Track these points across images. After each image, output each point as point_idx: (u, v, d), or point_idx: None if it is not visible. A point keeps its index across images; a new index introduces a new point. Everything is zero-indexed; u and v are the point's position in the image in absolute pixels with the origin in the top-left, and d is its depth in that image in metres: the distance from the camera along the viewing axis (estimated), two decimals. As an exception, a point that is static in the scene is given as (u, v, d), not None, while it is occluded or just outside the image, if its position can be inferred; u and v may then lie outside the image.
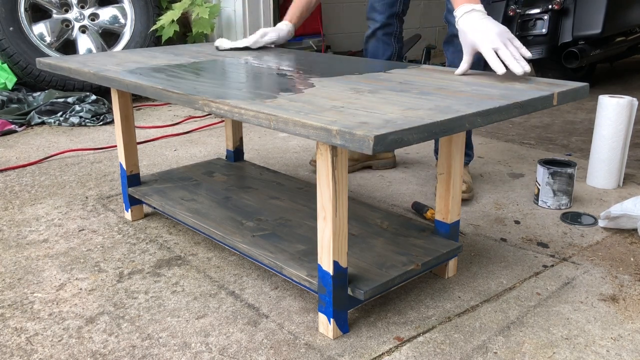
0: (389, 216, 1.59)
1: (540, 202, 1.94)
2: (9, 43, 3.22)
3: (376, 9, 2.09)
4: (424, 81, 1.36)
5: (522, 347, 1.21)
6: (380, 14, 2.09)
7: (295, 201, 1.69)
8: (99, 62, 1.68)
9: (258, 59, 1.73)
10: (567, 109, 3.41)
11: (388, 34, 2.12)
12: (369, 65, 1.62)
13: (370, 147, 0.91)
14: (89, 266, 1.56)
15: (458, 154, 1.39)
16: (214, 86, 1.31)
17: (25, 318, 1.33)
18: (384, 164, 2.31)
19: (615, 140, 2.06)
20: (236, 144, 2.08)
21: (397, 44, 2.15)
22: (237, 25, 3.76)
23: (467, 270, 1.53)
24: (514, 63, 1.31)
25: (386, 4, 2.08)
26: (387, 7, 2.08)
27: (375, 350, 1.21)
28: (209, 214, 1.62)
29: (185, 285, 1.46)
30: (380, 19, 2.09)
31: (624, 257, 1.60)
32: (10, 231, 1.78)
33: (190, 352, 1.20)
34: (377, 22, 2.10)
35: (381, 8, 2.08)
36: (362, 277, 1.26)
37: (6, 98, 3.07)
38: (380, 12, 2.09)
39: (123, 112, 1.75)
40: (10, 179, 2.24)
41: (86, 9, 3.54)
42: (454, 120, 1.03)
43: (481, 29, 1.35)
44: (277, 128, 1.05)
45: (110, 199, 2.03)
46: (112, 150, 2.61)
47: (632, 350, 1.21)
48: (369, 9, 2.12)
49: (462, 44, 1.41)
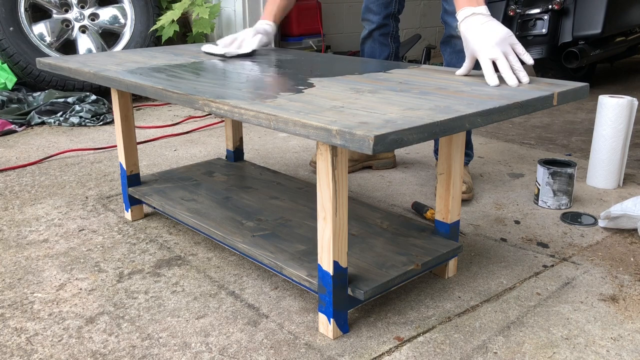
0: (389, 216, 1.59)
1: (540, 202, 1.94)
2: (9, 43, 3.22)
3: (371, 9, 2.08)
4: (424, 81, 1.36)
5: (522, 347, 1.21)
6: (376, 15, 2.08)
7: (295, 201, 1.69)
8: (99, 62, 1.68)
9: (258, 59, 1.73)
10: (567, 109, 3.41)
11: (385, 35, 2.11)
12: (369, 65, 1.62)
13: (370, 147, 0.91)
14: (89, 266, 1.56)
15: (458, 154, 1.39)
16: (214, 86, 1.31)
17: (25, 318, 1.33)
18: (384, 164, 2.31)
19: (615, 140, 2.06)
20: (236, 144, 2.08)
21: (394, 43, 2.15)
22: (237, 25, 3.76)
23: (467, 270, 1.53)
24: (509, 75, 1.28)
25: (381, 4, 2.07)
26: (382, 7, 2.07)
27: (375, 350, 1.21)
28: (209, 214, 1.62)
29: (185, 285, 1.46)
30: (376, 19, 2.08)
31: (624, 257, 1.60)
32: (10, 231, 1.78)
33: (190, 352, 1.20)
34: (373, 23, 2.09)
35: (377, 9, 2.07)
36: (362, 277, 1.26)
37: (6, 98, 3.07)
38: (375, 12, 2.08)
39: (123, 112, 1.75)
40: (10, 179, 2.24)
41: (86, 9, 3.54)
42: (454, 120, 1.03)
43: (481, 37, 1.32)
44: (277, 128, 1.05)
45: (110, 199, 2.03)
46: (112, 150, 2.61)
47: (632, 350, 1.21)
48: (364, 10, 2.11)
49: (465, 48, 1.39)
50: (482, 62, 1.32)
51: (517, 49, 1.32)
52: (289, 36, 4.43)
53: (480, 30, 1.33)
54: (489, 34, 1.32)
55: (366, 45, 2.15)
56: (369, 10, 2.09)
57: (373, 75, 1.44)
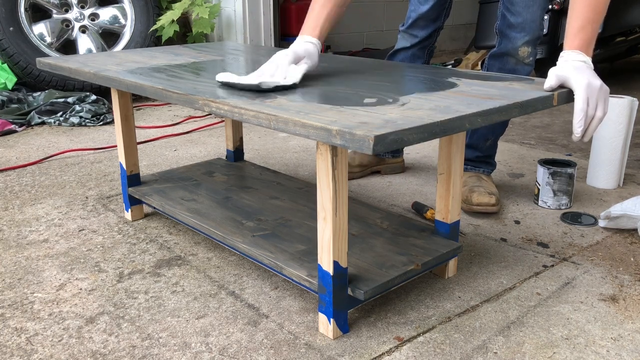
0: (389, 216, 1.59)
1: (540, 202, 1.94)
2: (9, 43, 3.22)
3: (419, 24, 1.93)
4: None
5: (522, 347, 1.21)
6: (422, 30, 1.94)
7: (295, 201, 1.69)
8: (99, 62, 1.68)
9: (258, 59, 1.73)
10: (567, 109, 3.41)
11: (423, 48, 2.00)
12: (369, 65, 1.62)
13: (370, 147, 0.91)
14: (89, 266, 1.56)
15: (458, 154, 1.39)
16: (214, 86, 1.31)
17: (25, 318, 1.33)
18: (392, 168, 2.26)
19: (616, 140, 2.06)
20: (236, 144, 2.08)
21: (429, 55, 2.03)
22: (237, 25, 3.75)
23: (467, 270, 1.53)
24: (583, 126, 1.23)
25: (430, 19, 1.92)
26: (431, 21, 1.93)
27: (375, 350, 1.21)
28: (209, 214, 1.62)
29: (185, 285, 1.46)
30: (422, 34, 1.95)
31: (624, 257, 1.60)
32: (10, 231, 1.78)
33: (190, 352, 1.20)
34: (416, 38, 1.96)
35: (424, 23, 1.93)
36: (362, 277, 1.26)
37: (6, 98, 3.07)
38: (422, 27, 1.94)
39: (123, 112, 1.75)
40: (10, 179, 2.24)
41: (86, 9, 3.54)
42: (454, 120, 1.03)
43: (589, 79, 1.23)
44: (277, 128, 1.05)
45: (110, 199, 2.03)
46: (112, 150, 2.61)
47: (632, 350, 1.20)
48: (411, 23, 1.95)
49: (556, 71, 1.27)
50: (579, 95, 1.23)
51: (605, 105, 1.26)
52: (288, 36, 4.43)
53: (591, 73, 1.26)
54: (595, 80, 1.24)
55: (398, 57, 2.03)
56: (416, 24, 1.94)
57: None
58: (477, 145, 1.97)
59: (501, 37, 1.79)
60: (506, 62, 1.80)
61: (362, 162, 2.21)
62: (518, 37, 1.74)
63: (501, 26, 1.78)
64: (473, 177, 1.96)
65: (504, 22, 1.76)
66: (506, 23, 1.75)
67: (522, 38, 1.74)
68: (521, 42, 1.75)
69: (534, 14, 1.72)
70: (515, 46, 1.76)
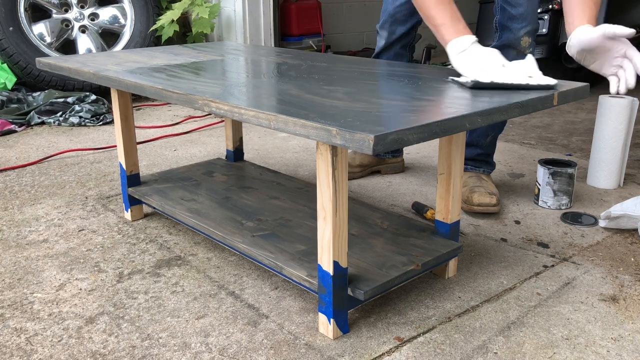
0: (389, 216, 1.59)
1: (541, 202, 1.94)
2: (9, 43, 3.21)
3: (398, 19, 1.92)
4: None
5: (523, 347, 1.21)
6: (401, 25, 1.92)
7: (295, 201, 1.69)
8: (99, 62, 1.68)
9: (258, 59, 1.73)
10: (568, 109, 3.41)
11: (404, 46, 1.98)
12: (369, 65, 1.62)
13: (370, 147, 0.91)
14: (88, 266, 1.56)
15: (458, 154, 1.39)
16: (214, 86, 1.31)
17: (25, 318, 1.33)
18: (392, 168, 2.27)
19: (616, 140, 2.06)
20: (236, 144, 2.08)
21: (410, 52, 2.02)
22: (237, 25, 3.75)
23: (467, 271, 1.53)
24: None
25: (408, 13, 1.90)
26: (408, 15, 1.90)
27: (375, 350, 1.21)
28: (209, 214, 1.61)
29: (185, 286, 1.46)
30: (400, 30, 1.92)
31: (624, 257, 1.59)
32: (10, 231, 1.77)
33: (190, 352, 1.20)
34: (395, 35, 1.93)
35: (403, 17, 1.91)
36: (362, 277, 1.26)
37: (6, 98, 3.07)
38: (401, 22, 1.92)
39: (123, 112, 1.75)
40: (10, 179, 2.23)
41: (86, 8, 3.54)
42: (454, 120, 1.03)
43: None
44: (277, 128, 1.05)
45: (110, 199, 2.03)
46: (112, 150, 2.61)
47: (633, 350, 1.20)
48: (387, 19, 1.93)
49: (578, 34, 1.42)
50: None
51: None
52: (288, 36, 4.43)
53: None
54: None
55: (382, 58, 1.99)
56: (394, 20, 1.92)
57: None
58: (477, 143, 1.97)
59: (502, 30, 1.80)
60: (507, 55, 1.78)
61: (362, 162, 2.21)
62: (520, 27, 1.77)
63: (501, 19, 1.79)
64: (473, 177, 1.96)
65: (504, 15, 1.77)
66: (507, 15, 1.77)
67: (524, 28, 1.78)
68: (523, 32, 1.78)
69: (533, 5, 1.77)
70: (517, 36, 1.78)
